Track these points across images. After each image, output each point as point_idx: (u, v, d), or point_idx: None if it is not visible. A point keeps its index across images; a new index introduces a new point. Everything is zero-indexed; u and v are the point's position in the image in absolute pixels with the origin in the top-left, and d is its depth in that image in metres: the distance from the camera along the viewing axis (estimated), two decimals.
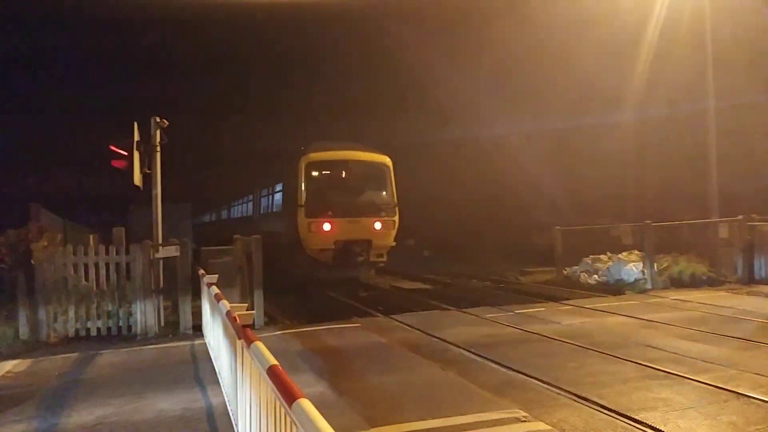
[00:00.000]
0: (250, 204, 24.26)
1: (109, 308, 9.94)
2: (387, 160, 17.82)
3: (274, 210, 20.07)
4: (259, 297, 10.78)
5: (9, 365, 8.18)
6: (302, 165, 16.79)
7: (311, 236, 16.20)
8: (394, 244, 17.37)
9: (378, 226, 16.84)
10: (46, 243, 9.76)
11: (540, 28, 23.54)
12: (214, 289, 7.02)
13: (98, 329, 9.87)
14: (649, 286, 13.87)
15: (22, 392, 6.95)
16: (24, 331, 9.44)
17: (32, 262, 9.54)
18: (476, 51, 27.21)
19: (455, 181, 28.97)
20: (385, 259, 17.41)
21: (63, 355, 8.73)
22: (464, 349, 8.30)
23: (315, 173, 17.06)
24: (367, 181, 17.38)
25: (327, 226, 16.24)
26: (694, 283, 14.12)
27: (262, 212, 21.97)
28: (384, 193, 17.50)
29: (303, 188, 16.65)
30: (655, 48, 19.78)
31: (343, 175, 17.32)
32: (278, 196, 19.78)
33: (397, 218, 17.33)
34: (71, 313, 9.72)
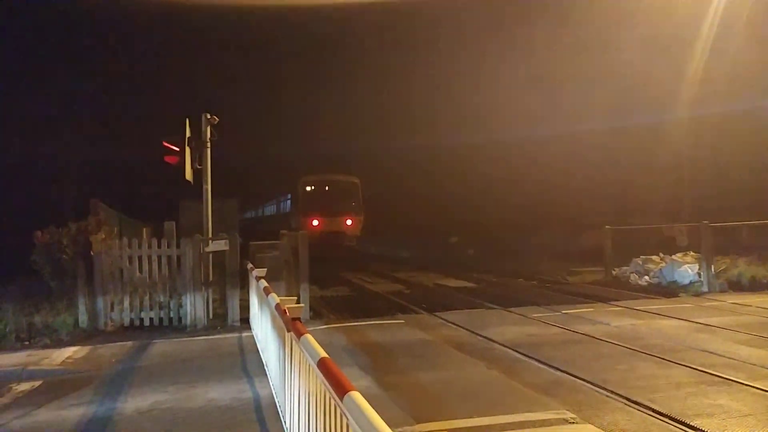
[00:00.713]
0: (275, 206, 35.46)
1: (161, 299, 10.26)
2: (356, 180, 26.89)
3: (287, 210, 30.38)
4: (305, 291, 10.93)
5: (69, 351, 8.56)
6: (299, 183, 26.75)
7: (305, 228, 23.58)
8: (359, 234, 26.42)
9: (349, 222, 25.78)
10: (104, 236, 10.16)
11: (588, 25, 22.99)
12: (263, 283, 7.14)
13: (151, 319, 10.21)
14: (705, 288, 13.35)
15: (81, 377, 7.26)
16: (83, 319, 9.85)
17: (91, 253, 9.94)
18: (524, 50, 26.82)
19: (502, 180, 28.70)
20: (354, 243, 26.53)
21: (119, 343, 9.07)
22: (510, 348, 8.20)
23: (308, 188, 26.62)
24: (341, 194, 26.20)
25: (315, 222, 24.82)
26: (755, 286, 13.50)
27: (280, 212, 32.31)
28: (353, 201, 26.28)
29: (300, 197, 26.50)
30: (711, 42, 18.98)
31: (326, 189, 26.60)
32: (288, 202, 30.43)
33: (362, 217, 26.13)
34: (126, 303, 10.09)
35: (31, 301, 10.78)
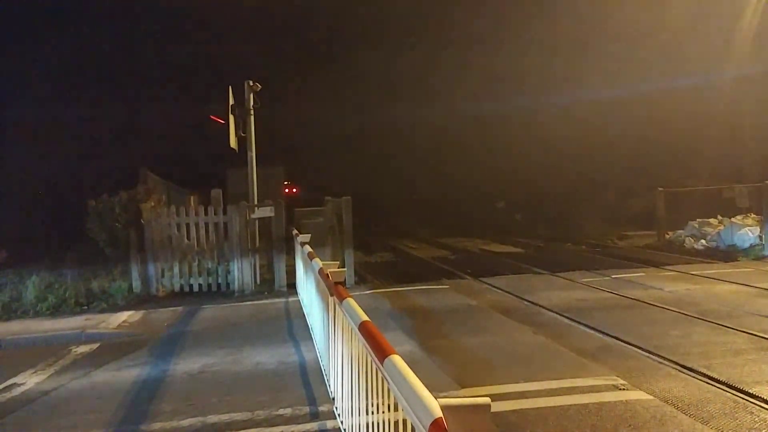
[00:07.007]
0: None
1: (209, 266, 10.50)
2: None
3: None
4: (349, 256, 10.97)
5: (125, 316, 8.89)
6: None
7: None
8: None
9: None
10: (153, 204, 10.40)
11: None
12: (308, 248, 7.18)
13: (200, 285, 10.48)
14: (766, 252, 12.76)
15: (136, 340, 7.54)
16: (137, 285, 10.19)
17: (142, 221, 10.21)
18: (570, 10, 25.68)
19: (550, 142, 27.93)
20: None
21: (170, 308, 9.36)
22: (557, 313, 8.04)
23: None
24: None
25: None
26: None
27: None
28: None
29: None
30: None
31: None
32: None
33: None
34: (176, 270, 10.37)
35: (88, 268, 11.23)
